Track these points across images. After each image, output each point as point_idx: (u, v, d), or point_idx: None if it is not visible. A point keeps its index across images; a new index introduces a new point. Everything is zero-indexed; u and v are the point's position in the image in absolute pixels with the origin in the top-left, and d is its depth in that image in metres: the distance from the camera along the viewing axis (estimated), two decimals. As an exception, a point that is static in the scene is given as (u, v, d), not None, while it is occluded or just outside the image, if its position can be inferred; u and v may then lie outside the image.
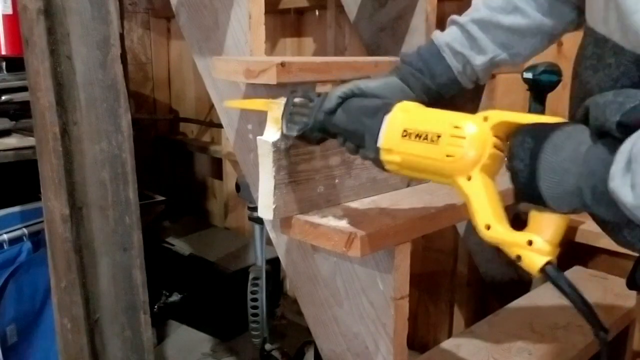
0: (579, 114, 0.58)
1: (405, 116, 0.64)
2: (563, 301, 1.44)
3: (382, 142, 0.64)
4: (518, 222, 0.59)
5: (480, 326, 1.22)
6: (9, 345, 1.53)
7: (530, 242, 0.55)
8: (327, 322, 0.99)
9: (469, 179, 0.58)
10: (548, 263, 0.54)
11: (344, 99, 0.71)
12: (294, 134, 0.75)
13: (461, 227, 1.55)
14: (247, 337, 1.72)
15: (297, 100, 0.76)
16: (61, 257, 1.25)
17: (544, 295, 1.32)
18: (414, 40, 1.39)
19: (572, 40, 0.79)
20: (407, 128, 0.62)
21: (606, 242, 1.02)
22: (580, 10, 0.68)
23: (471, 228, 1.18)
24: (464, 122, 0.59)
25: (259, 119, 0.91)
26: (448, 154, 0.58)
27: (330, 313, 0.98)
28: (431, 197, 0.99)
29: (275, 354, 1.69)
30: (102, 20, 1.24)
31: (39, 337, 1.58)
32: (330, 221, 0.84)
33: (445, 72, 0.80)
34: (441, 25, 0.86)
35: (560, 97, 1.32)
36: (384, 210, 0.90)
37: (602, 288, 1.37)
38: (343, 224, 0.83)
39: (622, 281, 1.18)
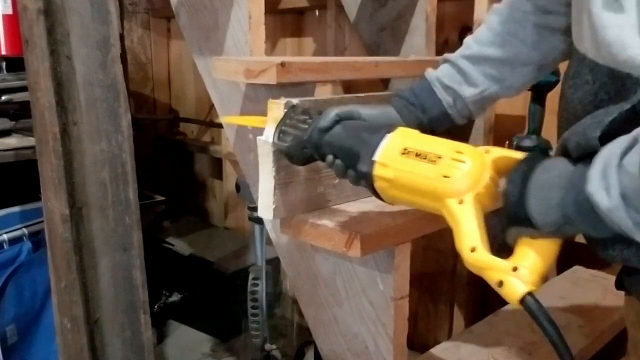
0: (557, 149, 0.60)
1: (408, 137, 0.65)
2: (563, 302, 1.44)
3: (379, 155, 0.64)
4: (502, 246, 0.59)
5: (480, 326, 1.22)
6: (9, 345, 1.53)
7: (515, 269, 0.54)
8: (327, 322, 0.99)
9: (461, 202, 0.58)
10: (529, 293, 0.54)
11: (341, 118, 0.71)
12: (285, 144, 0.75)
13: (461, 227, 1.55)
14: (247, 337, 1.72)
15: (295, 115, 0.76)
16: (61, 257, 1.25)
17: (543, 296, 1.32)
18: (414, 40, 1.39)
19: (572, 42, 0.80)
20: (408, 147, 0.63)
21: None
22: (570, 37, 0.69)
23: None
24: (466, 149, 0.60)
25: (259, 119, 0.91)
26: (445, 174, 0.59)
27: (330, 313, 0.98)
28: (431, 197, 0.99)
29: (275, 354, 1.69)
30: (102, 20, 1.24)
31: (39, 337, 1.58)
32: (330, 221, 0.84)
33: (436, 105, 0.81)
34: (441, 25, 0.86)
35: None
36: (384, 210, 0.90)
37: (602, 288, 1.37)
38: (343, 224, 0.83)
39: (622, 281, 1.18)
